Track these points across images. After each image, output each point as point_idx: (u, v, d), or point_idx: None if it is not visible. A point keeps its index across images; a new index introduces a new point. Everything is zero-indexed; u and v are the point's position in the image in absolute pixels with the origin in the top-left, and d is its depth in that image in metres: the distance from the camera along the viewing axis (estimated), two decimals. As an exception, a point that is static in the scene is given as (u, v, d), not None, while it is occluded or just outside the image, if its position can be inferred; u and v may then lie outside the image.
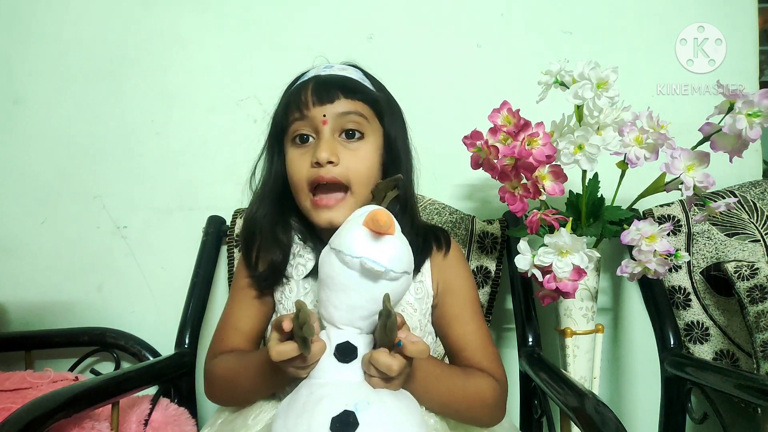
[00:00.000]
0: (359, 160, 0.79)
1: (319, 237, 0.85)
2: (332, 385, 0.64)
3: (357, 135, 0.80)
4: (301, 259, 0.83)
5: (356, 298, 0.66)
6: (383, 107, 0.83)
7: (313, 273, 0.81)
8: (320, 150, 0.76)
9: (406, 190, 0.84)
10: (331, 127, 0.78)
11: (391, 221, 0.65)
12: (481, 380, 0.77)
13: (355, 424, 0.59)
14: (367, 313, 0.67)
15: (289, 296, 0.82)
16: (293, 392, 0.66)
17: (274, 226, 0.84)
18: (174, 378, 1.00)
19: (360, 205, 0.79)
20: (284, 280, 0.83)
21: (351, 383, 0.64)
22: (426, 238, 0.84)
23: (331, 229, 0.83)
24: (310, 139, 0.80)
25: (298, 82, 0.84)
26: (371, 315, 0.67)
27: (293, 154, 0.81)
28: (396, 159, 0.84)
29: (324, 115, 0.78)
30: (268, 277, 0.82)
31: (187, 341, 1.06)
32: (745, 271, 1.00)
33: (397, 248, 0.66)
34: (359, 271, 0.65)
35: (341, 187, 0.79)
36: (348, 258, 0.64)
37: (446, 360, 0.90)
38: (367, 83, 0.84)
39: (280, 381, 0.72)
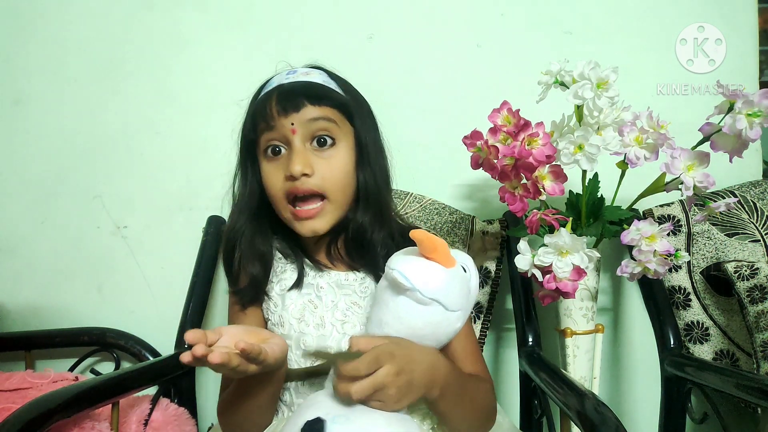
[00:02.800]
0: (334, 169, 0.79)
1: (301, 248, 0.85)
2: (326, 395, 0.65)
3: (329, 142, 0.79)
4: (283, 275, 0.83)
5: (384, 312, 0.68)
6: (352, 109, 0.83)
7: (297, 286, 0.81)
8: (293, 163, 0.76)
9: (377, 185, 0.84)
10: (300, 135, 0.78)
11: (440, 249, 0.66)
12: (486, 386, 0.78)
13: (320, 431, 0.60)
14: (394, 332, 0.67)
15: (275, 311, 0.81)
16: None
17: (252, 238, 0.83)
18: (174, 378, 1.00)
19: (338, 210, 0.81)
20: (266, 297, 0.82)
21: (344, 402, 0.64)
22: (405, 237, 0.83)
23: (316, 238, 0.83)
24: (282, 150, 0.79)
25: (263, 93, 0.83)
26: (398, 335, 0.67)
27: (267, 168, 0.80)
28: (368, 159, 0.84)
29: (292, 124, 0.77)
30: (249, 292, 0.82)
31: (187, 341, 1.06)
32: (745, 271, 1.00)
33: (438, 276, 0.66)
34: (390, 283, 0.67)
35: (318, 195, 0.78)
36: (387, 270, 0.67)
37: None
38: (332, 85, 0.83)
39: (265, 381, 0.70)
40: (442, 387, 0.67)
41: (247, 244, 0.83)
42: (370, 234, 0.81)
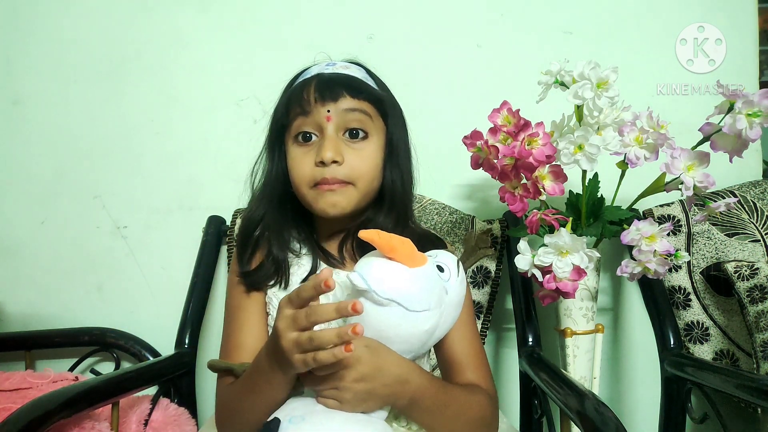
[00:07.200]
0: (363, 160, 0.78)
1: (317, 244, 0.84)
2: (302, 398, 0.66)
3: (361, 134, 0.79)
4: (296, 268, 0.83)
5: (352, 317, 0.66)
6: (387, 107, 0.83)
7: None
8: (325, 149, 0.75)
9: (403, 189, 0.84)
10: (335, 124, 0.77)
11: (399, 249, 0.65)
12: (482, 398, 0.76)
13: (274, 431, 0.60)
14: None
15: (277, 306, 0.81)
16: None
17: (281, 226, 0.83)
18: (174, 378, 1.00)
19: (361, 198, 0.80)
20: (276, 287, 0.82)
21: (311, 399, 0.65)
22: (420, 244, 0.83)
23: (332, 231, 0.82)
24: (313, 137, 0.79)
25: (300, 80, 0.83)
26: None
27: (295, 153, 0.80)
28: (397, 159, 0.84)
29: (328, 111, 0.77)
30: (267, 272, 0.80)
31: (187, 341, 1.06)
32: (745, 271, 1.00)
33: (396, 276, 0.65)
34: (351, 287, 0.65)
35: (344, 182, 0.78)
36: (350, 273, 0.65)
37: (437, 372, 0.89)
38: (370, 82, 0.83)
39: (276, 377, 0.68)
40: (412, 400, 0.67)
41: (276, 231, 0.82)
42: None
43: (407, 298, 0.65)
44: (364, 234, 0.65)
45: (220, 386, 0.78)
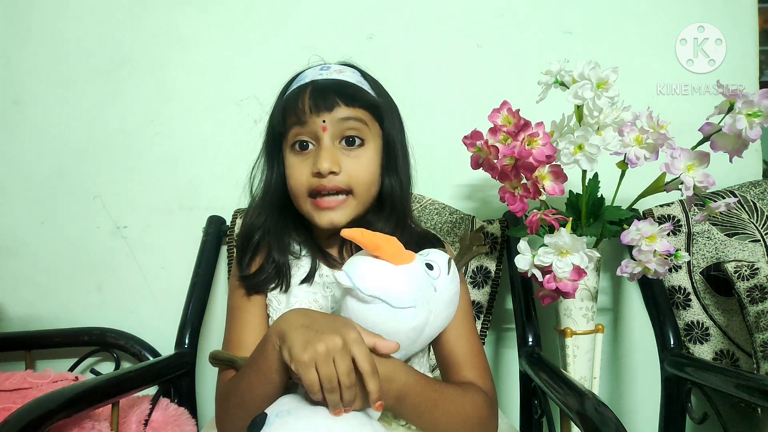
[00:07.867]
0: (361, 168, 0.79)
1: (317, 245, 0.84)
2: (293, 395, 0.65)
3: (357, 142, 0.79)
4: (294, 269, 0.83)
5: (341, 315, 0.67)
6: (383, 111, 0.82)
7: (308, 279, 0.81)
8: (322, 160, 0.76)
9: (402, 192, 0.84)
10: (331, 133, 0.78)
11: (384, 247, 0.65)
12: (477, 397, 0.75)
13: (260, 425, 0.60)
14: None
15: (278, 308, 0.80)
16: None
17: (281, 231, 0.83)
18: (174, 378, 1.00)
19: (360, 207, 0.80)
20: (277, 290, 0.82)
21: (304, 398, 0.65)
22: (419, 244, 0.82)
23: (332, 232, 0.83)
24: (310, 145, 0.79)
25: (295, 86, 0.82)
26: None
27: (293, 161, 0.80)
28: (395, 162, 0.84)
29: (324, 121, 0.77)
30: (268, 275, 0.81)
31: (187, 341, 1.06)
32: (745, 271, 1.00)
33: (379, 273, 0.65)
34: (337, 285, 0.66)
35: (343, 191, 0.78)
36: (337, 272, 0.66)
37: (437, 372, 0.89)
38: (365, 86, 0.83)
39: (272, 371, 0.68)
40: (398, 398, 0.67)
41: (276, 237, 0.83)
42: None
43: (391, 295, 0.65)
44: (347, 233, 0.65)
45: (220, 381, 0.79)
